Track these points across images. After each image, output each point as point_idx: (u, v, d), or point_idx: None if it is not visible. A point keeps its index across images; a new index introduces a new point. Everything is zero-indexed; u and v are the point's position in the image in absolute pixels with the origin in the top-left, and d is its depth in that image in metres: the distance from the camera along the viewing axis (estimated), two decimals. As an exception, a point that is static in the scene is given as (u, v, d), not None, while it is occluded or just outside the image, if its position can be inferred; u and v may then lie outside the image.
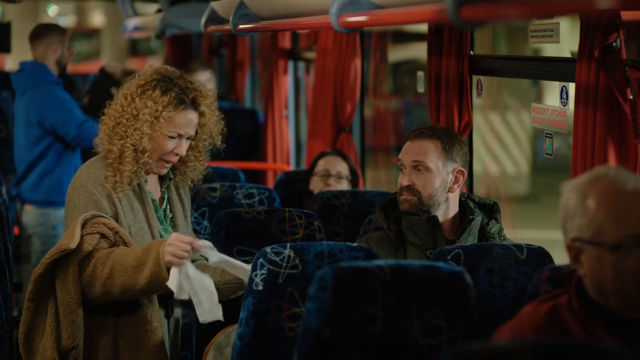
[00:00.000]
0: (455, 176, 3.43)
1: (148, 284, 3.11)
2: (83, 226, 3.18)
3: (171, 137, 3.31)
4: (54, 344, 3.14)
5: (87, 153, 5.77)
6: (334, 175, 4.70)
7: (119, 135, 3.28)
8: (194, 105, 3.34)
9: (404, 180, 3.42)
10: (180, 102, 3.29)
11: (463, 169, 3.45)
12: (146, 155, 3.30)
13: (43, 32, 5.70)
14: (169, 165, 3.38)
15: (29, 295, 3.18)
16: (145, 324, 3.21)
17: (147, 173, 3.38)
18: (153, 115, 3.27)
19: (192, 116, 3.33)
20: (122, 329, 3.21)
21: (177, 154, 3.34)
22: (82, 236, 3.15)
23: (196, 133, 3.39)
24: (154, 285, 3.11)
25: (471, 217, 3.41)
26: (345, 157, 4.83)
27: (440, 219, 3.42)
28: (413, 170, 3.42)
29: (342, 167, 4.75)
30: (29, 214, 5.52)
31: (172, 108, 3.28)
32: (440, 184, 3.41)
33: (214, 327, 3.47)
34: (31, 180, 5.52)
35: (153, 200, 3.37)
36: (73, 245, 3.11)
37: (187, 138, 3.36)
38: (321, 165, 4.77)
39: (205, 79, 7.10)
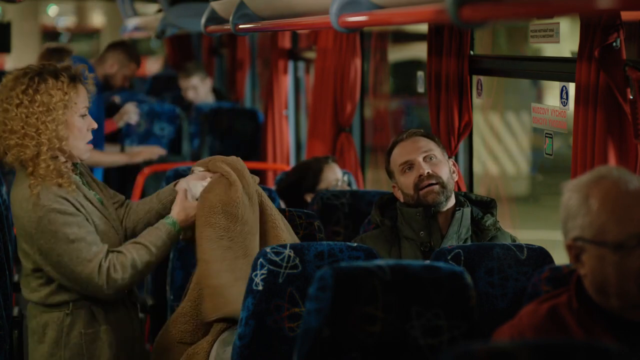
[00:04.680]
0: (453, 165, 3.55)
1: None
2: None
3: (82, 116, 3.29)
4: None
5: None
6: (340, 178, 4.64)
7: (29, 136, 3.19)
8: (80, 78, 3.31)
9: (423, 169, 3.44)
10: (73, 79, 3.27)
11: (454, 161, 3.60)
12: (64, 144, 3.23)
13: (115, 47, 6.09)
14: (90, 146, 3.34)
15: None
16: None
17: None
18: (64, 101, 3.22)
19: (84, 89, 3.32)
20: None
21: (90, 129, 3.31)
22: None
23: None
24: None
25: (457, 208, 3.43)
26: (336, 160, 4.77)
27: (441, 211, 3.45)
28: (424, 162, 3.47)
29: (340, 173, 4.70)
30: None
31: (73, 87, 3.25)
32: (448, 172, 3.50)
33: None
34: None
35: (95, 196, 3.34)
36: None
37: None
38: (331, 177, 4.65)
39: (197, 82, 7.13)
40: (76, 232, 3.17)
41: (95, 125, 3.33)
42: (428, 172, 3.44)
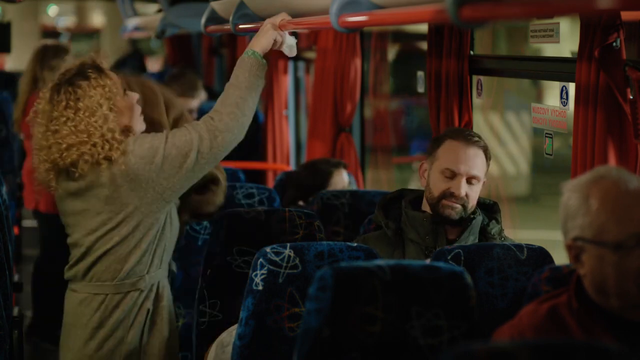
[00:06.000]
0: (483, 183, 3.46)
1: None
2: None
3: (125, 94, 3.42)
4: None
5: None
6: (346, 185, 4.67)
7: (83, 142, 3.30)
8: (102, 66, 3.42)
9: (460, 190, 3.35)
10: (99, 70, 3.38)
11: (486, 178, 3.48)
12: (118, 133, 3.35)
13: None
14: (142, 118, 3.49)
15: None
16: None
17: None
18: (105, 95, 3.33)
19: (111, 72, 3.43)
20: None
21: (137, 102, 3.45)
22: None
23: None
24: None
25: (472, 216, 3.41)
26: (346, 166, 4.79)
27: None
28: (466, 182, 3.37)
29: (347, 179, 4.73)
30: None
31: (104, 77, 3.36)
32: (478, 194, 3.43)
33: (214, 328, 3.47)
34: None
35: None
36: None
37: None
38: (339, 183, 4.67)
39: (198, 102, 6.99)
40: (161, 133, 3.38)
41: (137, 96, 3.45)
42: (462, 196, 3.37)
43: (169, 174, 3.33)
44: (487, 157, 3.43)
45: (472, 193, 3.39)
